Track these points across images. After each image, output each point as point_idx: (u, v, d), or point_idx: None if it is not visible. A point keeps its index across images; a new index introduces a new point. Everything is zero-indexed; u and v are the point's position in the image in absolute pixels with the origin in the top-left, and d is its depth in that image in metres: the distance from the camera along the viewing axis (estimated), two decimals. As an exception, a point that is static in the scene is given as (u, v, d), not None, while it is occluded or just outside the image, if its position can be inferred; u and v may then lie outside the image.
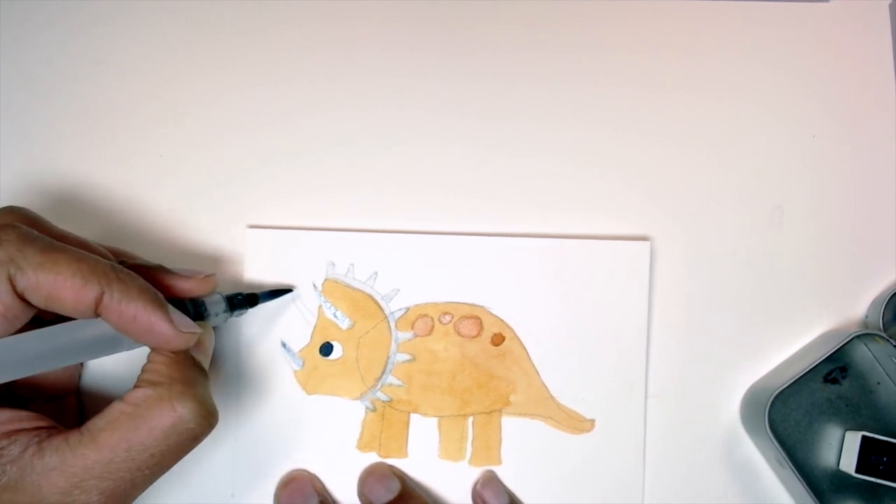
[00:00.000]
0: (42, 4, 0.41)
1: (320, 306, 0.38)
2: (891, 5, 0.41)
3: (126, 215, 0.39)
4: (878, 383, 0.37)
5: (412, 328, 0.38)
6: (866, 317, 0.39)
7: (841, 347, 0.36)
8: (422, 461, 0.38)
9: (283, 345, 0.38)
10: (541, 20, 0.41)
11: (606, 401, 0.38)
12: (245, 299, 0.35)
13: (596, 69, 0.40)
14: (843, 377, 0.37)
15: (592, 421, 0.38)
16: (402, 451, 0.38)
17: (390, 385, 0.38)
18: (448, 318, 0.38)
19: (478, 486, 0.37)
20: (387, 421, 0.38)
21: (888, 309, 0.37)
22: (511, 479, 0.38)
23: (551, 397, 0.38)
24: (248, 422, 0.38)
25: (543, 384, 0.38)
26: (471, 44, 0.41)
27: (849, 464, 0.35)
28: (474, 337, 0.38)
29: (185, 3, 0.41)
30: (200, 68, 0.40)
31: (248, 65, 0.40)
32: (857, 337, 0.36)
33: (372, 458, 0.38)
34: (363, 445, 0.38)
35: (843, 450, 0.36)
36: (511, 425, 0.38)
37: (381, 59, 0.40)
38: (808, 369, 0.35)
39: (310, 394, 0.38)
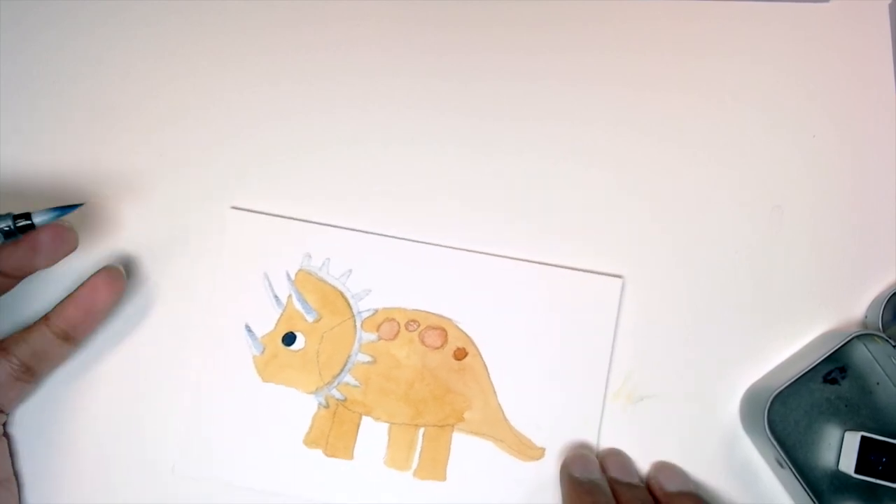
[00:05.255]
0: (42, 4, 0.41)
1: (290, 295, 0.38)
2: (891, 5, 0.41)
3: (126, 215, 0.39)
4: (878, 383, 0.37)
5: (377, 330, 0.38)
6: (866, 317, 0.39)
7: (840, 347, 0.36)
8: (366, 465, 0.37)
9: (247, 328, 0.38)
10: (539, 21, 0.41)
11: (559, 431, 0.38)
12: (14, 225, 0.34)
13: (595, 69, 0.40)
14: (843, 377, 0.37)
15: (543, 449, 0.37)
16: (349, 453, 0.38)
17: (347, 384, 0.38)
18: (414, 325, 0.38)
19: (652, 472, 0.37)
20: (338, 420, 0.38)
21: (888, 309, 0.37)
22: (454, 497, 0.37)
23: (505, 419, 0.38)
24: (200, 399, 0.38)
25: (499, 405, 0.38)
26: (464, 60, 0.41)
27: (848, 464, 0.35)
28: (437, 348, 0.38)
29: (185, 3, 0.41)
30: (200, 68, 0.40)
31: (247, 64, 0.40)
32: (857, 337, 0.36)
33: (317, 454, 0.38)
34: (310, 441, 0.38)
35: (842, 450, 0.36)
36: (461, 442, 0.38)
37: (379, 61, 0.40)
38: (807, 369, 0.35)
39: (265, 381, 0.38)
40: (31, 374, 0.35)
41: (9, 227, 0.33)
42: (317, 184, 0.40)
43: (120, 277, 0.36)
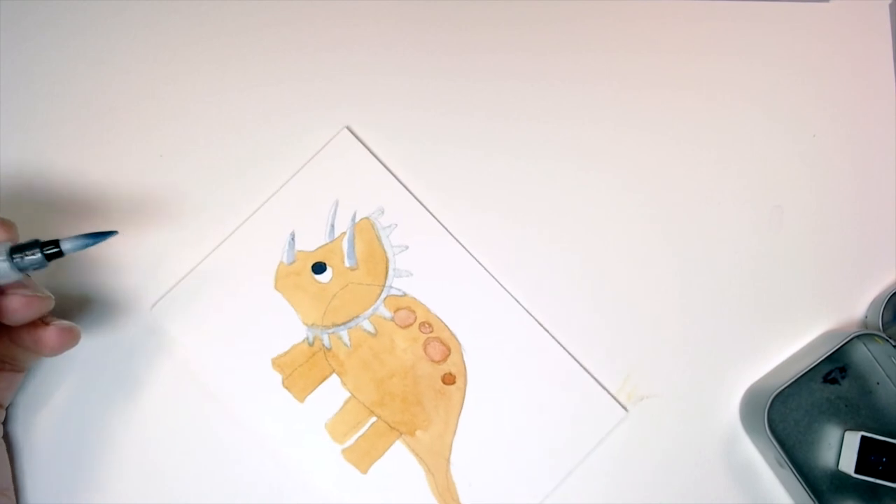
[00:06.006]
0: (42, 4, 0.41)
1: (345, 233, 0.39)
2: (891, 5, 0.41)
3: (125, 215, 0.39)
4: (878, 383, 0.37)
5: (395, 312, 0.38)
6: (866, 317, 0.39)
7: (840, 347, 0.36)
8: (308, 418, 0.37)
9: (292, 235, 0.38)
10: (540, 21, 0.41)
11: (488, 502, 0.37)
12: (43, 255, 0.31)
13: (594, 69, 0.40)
14: (843, 377, 0.37)
15: None
16: (302, 396, 0.38)
17: (340, 338, 0.38)
18: (427, 329, 0.38)
19: None
20: (311, 362, 0.38)
21: (888, 309, 0.37)
22: (361, 493, 0.37)
23: (447, 460, 0.37)
24: (206, 272, 0.38)
25: (451, 445, 0.37)
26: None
27: (848, 464, 0.35)
28: (434, 362, 0.38)
29: (185, 3, 0.41)
30: (200, 68, 0.40)
31: (247, 64, 0.40)
32: (857, 337, 0.36)
33: (275, 379, 0.38)
34: (277, 364, 0.38)
35: (842, 450, 0.36)
36: (399, 454, 0.37)
37: (382, 59, 0.41)
38: (807, 369, 0.35)
39: (276, 289, 0.38)
40: (11, 364, 0.35)
41: (36, 254, 0.31)
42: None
43: (72, 337, 0.34)
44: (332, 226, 0.39)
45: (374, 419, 0.38)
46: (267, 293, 0.38)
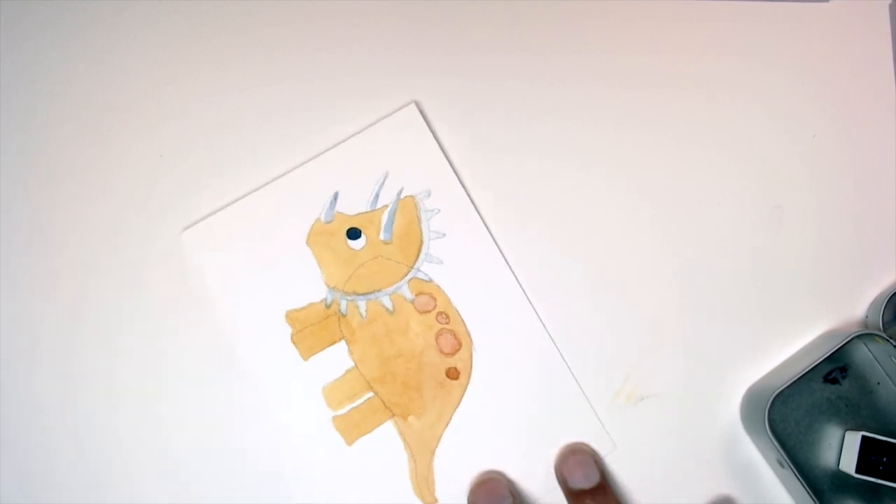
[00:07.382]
0: (42, 4, 0.41)
1: (387, 206, 0.39)
2: (891, 5, 0.41)
3: (125, 216, 0.39)
4: (878, 383, 0.37)
5: (416, 295, 0.38)
6: (866, 317, 0.39)
7: (841, 347, 0.36)
8: (309, 376, 0.38)
9: (335, 195, 0.38)
10: (540, 21, 0.41)
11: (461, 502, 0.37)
12: None
13: (594, 69, 0.40)
14: (843, 377, 0.37)
15: (436, 501, 0.37)
16: (307, 354, 0.38)
17: (357, 307, 0.38)
18: (444, 319, 0.38)
19: (559, 461, 0.37)
20: (324, 323, 0.38)
21: (888, 309, 0.37)
22: (342, 462, 0.37)
23: (433, 452, 0.37)
24: (244, 210, 0.38)
25: (440, 437, 0.38)
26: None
27: (849, 464, 0.35)
28: (442, 353, 0.38)
29: (185, 3, 0.41)
30: (200, 68, 0.40)
31: (247, 64, 0.40)
32: (857, 337, 0.36)
33: (285, 331, 0.38)
34: (291, 317, 0.38)
35: (843, 450, 0.36)
36: (387, 434, 0.37)
37: (384, 57, 0.41)
38: (808, 369, 0.35)
39: (307, 244, 0.38)
40: None
41: None
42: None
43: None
44: (377, 196, 0.39)
45: (370, 394, 0.38)
46: (297, 245, 0.38)
